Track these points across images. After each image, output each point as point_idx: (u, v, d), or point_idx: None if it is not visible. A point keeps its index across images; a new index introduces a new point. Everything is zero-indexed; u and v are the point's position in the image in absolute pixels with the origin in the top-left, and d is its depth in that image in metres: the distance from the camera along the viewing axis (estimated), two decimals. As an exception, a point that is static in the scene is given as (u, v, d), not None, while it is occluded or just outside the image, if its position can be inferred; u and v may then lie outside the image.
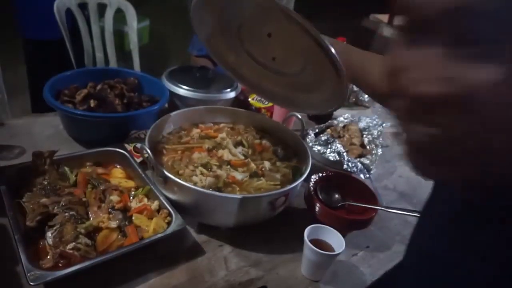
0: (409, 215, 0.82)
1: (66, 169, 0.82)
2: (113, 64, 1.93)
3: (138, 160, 0.88)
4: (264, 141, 0.97)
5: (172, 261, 0.72)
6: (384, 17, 3.83)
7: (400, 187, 1.12)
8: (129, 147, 0.93)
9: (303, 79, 0.85)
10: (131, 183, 0.84)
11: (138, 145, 0.92)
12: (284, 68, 0.88)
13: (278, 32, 0.81)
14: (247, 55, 0.90)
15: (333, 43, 0.77)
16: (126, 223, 0.73)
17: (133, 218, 0.74)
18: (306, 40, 0.69)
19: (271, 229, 0.83)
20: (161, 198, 0.77)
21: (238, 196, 0.72)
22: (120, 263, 0.67)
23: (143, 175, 0.82)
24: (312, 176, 0.88)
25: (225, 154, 0.88)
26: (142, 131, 0.97)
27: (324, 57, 0.69)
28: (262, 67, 0.91)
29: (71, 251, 0.64)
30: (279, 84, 0.93)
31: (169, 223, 0.73)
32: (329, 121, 1.27)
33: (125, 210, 0.76)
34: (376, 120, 1.30)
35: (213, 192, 0.73)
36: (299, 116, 0.99)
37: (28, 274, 0.57)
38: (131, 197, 0.79)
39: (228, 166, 0.85)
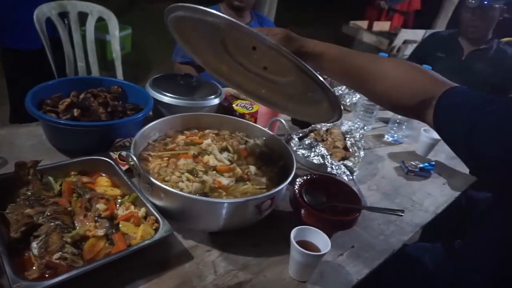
0: (392, 214, 0.84)
1: (50, 179, 0.81)
2: (95, 73, 1.92)
3: (124, 168, 0.88)
4: (248, 146, 0.98)
5: (160, 267, 0.72)
6: (363, 24, 3.93)
7: (383, 187, 1.15)
8: (114, 155, 0.93)
9: (297, 90, 0.83)
10: (117, 191, 0.83)
11: (124, 153, 0.92)
12: (277, 77, 0.85)
13: (261, 47, 0.78)
14: (238, 65, 0.87)
15: (329, 47, 0.78)
16: (113, 231, 0.72)
17: (120, 225, 0.74)
18: (287, 60, 0.67)
19: (258, 233, 0.83)
20: (148, 205, 0.77)
21: (224, 200, 0.73)
22: (108, 271, 0.66)
23: (129, 182, 0.82)
24: (297, 179, 0.89)
25: (211, 160, 0.89)
26: (127, 139, 0.97)
27: (309, 79, 0.69)
28: (255, 75, 0.87)
29: (57, 261, 0.64)
30: (276, 92, 0.90)
31: (156, 230, 0.73)
32: (312, 126, 1.29)
33: (112, 218, 0.75)
34: (358, 123, 1.33)
35: (200, 197, 0.73)
36: (283, 121, 1.01)
37: (14, 286, 0.56)
38: (117, 205, 0.79)
39: (214, 172, 0.86)
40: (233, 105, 1.28)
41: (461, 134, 0.62)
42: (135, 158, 0.74)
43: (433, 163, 1.26)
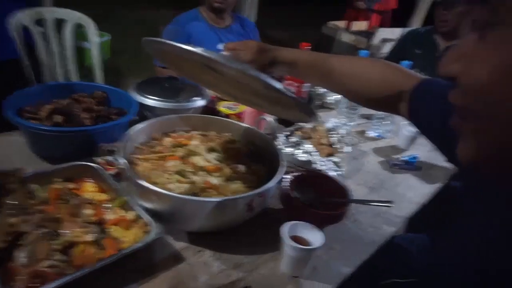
0: (380, 205, 0.85)
1: (35, 186, 0.79)
2: (75, 80, 1.88)
3: (111, 172, 0.86)
4: (237, 145, 0.98)
5: (152, 271, 0.71)
6: (342, 24, 3.99)
7: (369, 182, 1.16)
8: (100, 160, 0.91)
9: (275, 98, 0.82)
10: (104, 196, 0.82)
11: (110, 157, 0.90)
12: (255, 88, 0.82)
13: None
14: (221, 75, 0.85)
15: (302, 54, 0.81)
16: (103, 236, 0.71)
17: (110, 230, 0.73)
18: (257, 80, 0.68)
19: (250, 231, 0.83)
20: (138, 208, 0.76)
21: (215, 199, 0.72)
22: (99, 277, 0.65)
23: (117, 187, 0.81)
24: (286, 176, 0.90)
25: (199, 161, 0.88)
26: (113, 143, 0.95)
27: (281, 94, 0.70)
28: (239, 83, 0.86)
29: (45, 269, 0.62)
30: (260, 97, 0.88)
31: (147, 233, 0.72)
32: (298, 124, 1.30)
33: (101, 223, 0.74)
34: (343, 120, 1.35)
35: (191, 197, 0.73)
36: (270, 119, 1.02)
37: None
38: (106, 210, 0.77)
39: (203, 172, 0.85)
40: (218, 107, 1.27)
41: (435, 125, 0.64)
42: (125, 161, 0.73)
43: (416, 156, 1.29)
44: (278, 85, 0.66)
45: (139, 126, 0.92)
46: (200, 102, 1.17)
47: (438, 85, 0.67)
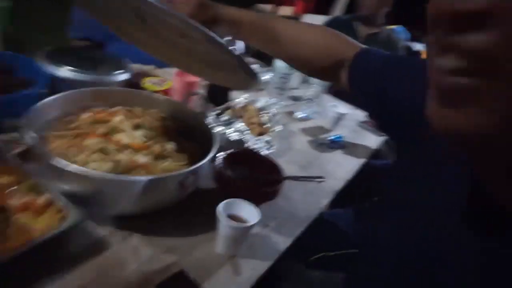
0: (313, 181, 0.87)
1: None
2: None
3: (15, 151, 0.73)
4: (166, 122, 0.91)
5: (72, 261, 0.63)
6: (268, 7, 4.01)
7: (298, 161, 1.19)
8: (4, 137, 0.77)
9: (214, 58, 0.77)
10: (8, 179, 0.69)
11: (16, 134, 0.77)
12: (194, 45, 0.76)
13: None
14: (154, 32, 0.78)
15: (246, 13, 0.75)
16: (8, 224, 0.60)
17: (16, 218, 0.62)
18: (198, 32, 0.61)
19: (182, 212, 0.78)
20: (51, 191, 0.66)
21: (145, 178, 0.66)
22: (6, 272, 0.55)
23: (24, 167, 0.69)
24: (219, 154, 0.86)
25: (124, 138, 0.80)
26: (18, 119, 0.81)
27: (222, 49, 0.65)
28: (173, 42, 0.79)
29: None
30: (196, 60, 0.83)
31: (63, 219, 0.63)
32: (228, 102, 1.27)
33: (5, 210, 0.63)
34: (273, 99, 1.35)
35: (117, 177, 0.65)
36: (200, 93, 0.96)
37: None
38: (11, 195, 0.66)
39: (129, 150, 0.77)
40: (143, 83, 1.17)
41: (373, 94, 0.65)
42: (34, 137, 0.62)
43: (341, 135, 1.35)
44: (221, 40, 0.61)
45: (50, 99, 0.79)
46: (122, 76, 1.06)
47: (377, 55, 0.68)
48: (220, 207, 0.70)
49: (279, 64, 1.54)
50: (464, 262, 0.42)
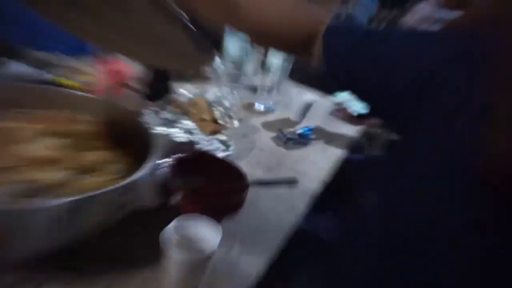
0: (282, 185, 0.80)
1: None
2: None
3: None
4: (89, 126, 0.79)
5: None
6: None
7: (264, 161, 1.12)
8: None
9: (157, 30, 0.69)
10: None
11: None
12: (131, 14, 0.68)
13: None
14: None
15: None
16: None
17: None
18: None
19: (117, 241, 0.68)
20: None
21: (59, 201, 0.54)
22: None
23: None
24: (163, 161, 0.78)
25: (27, 150, 0.67)
26: None
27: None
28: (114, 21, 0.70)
29: None
30: (132, 35, 0.74)
31: None
32: (170, 96, 1.17)
33: None
34: (225, 90, 1.28)
35: (16, 205, 0.53)
36: (132, 88, 0.86)
37: None
38: None
39: (36, 166, 0.65)
40: (54, 77, 1.03)
41: (344, 69, 0.66)
42: None
43: (311, 127, 1.30)
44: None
45: None
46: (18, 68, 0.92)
47: (348, 29, 0.70)
48: (167, 232, 0.60)
49: (231, 46, 1.46)
50: (463, 262, 0.44)
